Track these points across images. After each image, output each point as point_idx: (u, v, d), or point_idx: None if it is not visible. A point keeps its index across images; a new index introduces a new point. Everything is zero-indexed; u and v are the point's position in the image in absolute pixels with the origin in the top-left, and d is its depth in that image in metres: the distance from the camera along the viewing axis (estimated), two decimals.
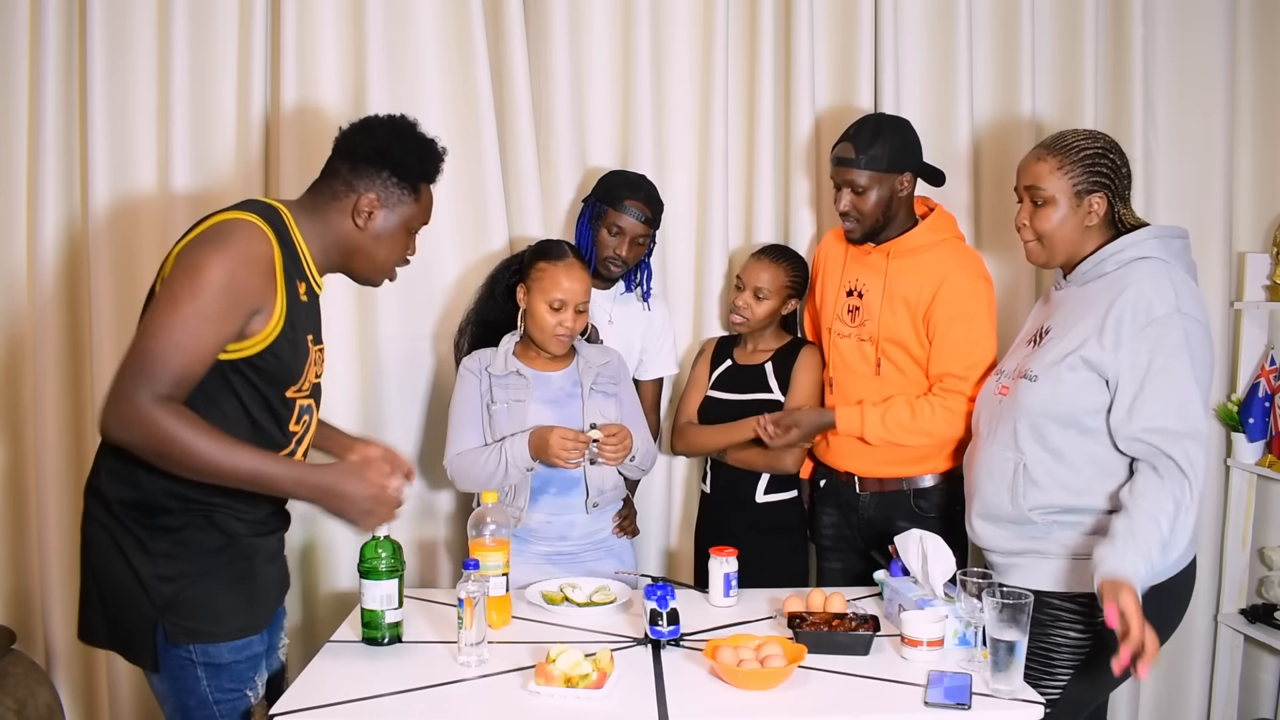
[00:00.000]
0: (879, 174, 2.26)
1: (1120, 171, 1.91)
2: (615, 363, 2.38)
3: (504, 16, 2.63)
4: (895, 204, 2.30)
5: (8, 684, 2.29)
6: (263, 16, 2.58)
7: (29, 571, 2.77)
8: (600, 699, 1.65)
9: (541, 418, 2.25)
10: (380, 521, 1.72)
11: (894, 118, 2.37)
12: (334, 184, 1.78)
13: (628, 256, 2.47)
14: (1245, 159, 2.82)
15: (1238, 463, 2.78)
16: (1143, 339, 1.77)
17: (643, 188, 2.49)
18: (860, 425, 2.30)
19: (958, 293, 2.24)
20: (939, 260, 2.28)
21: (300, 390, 1.76)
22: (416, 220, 1.85)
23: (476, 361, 2.31)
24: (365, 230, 1.78)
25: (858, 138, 2.27)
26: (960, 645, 1.84)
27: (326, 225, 1.78)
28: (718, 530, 2.47)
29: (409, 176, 1.79)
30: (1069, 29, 2.73)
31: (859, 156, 2.26)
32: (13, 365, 2.74)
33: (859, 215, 2.30)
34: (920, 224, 2.34)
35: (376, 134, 1.78)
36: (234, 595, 1.71)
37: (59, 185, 2.64)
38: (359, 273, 1.85)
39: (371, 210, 1.77)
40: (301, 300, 1.73)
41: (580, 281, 2.25)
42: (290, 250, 1.71)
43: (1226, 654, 2.82)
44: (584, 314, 2.27)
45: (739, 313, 2.48)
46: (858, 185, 2.27)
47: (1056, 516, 1.88)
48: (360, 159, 1.77)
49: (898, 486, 2.35)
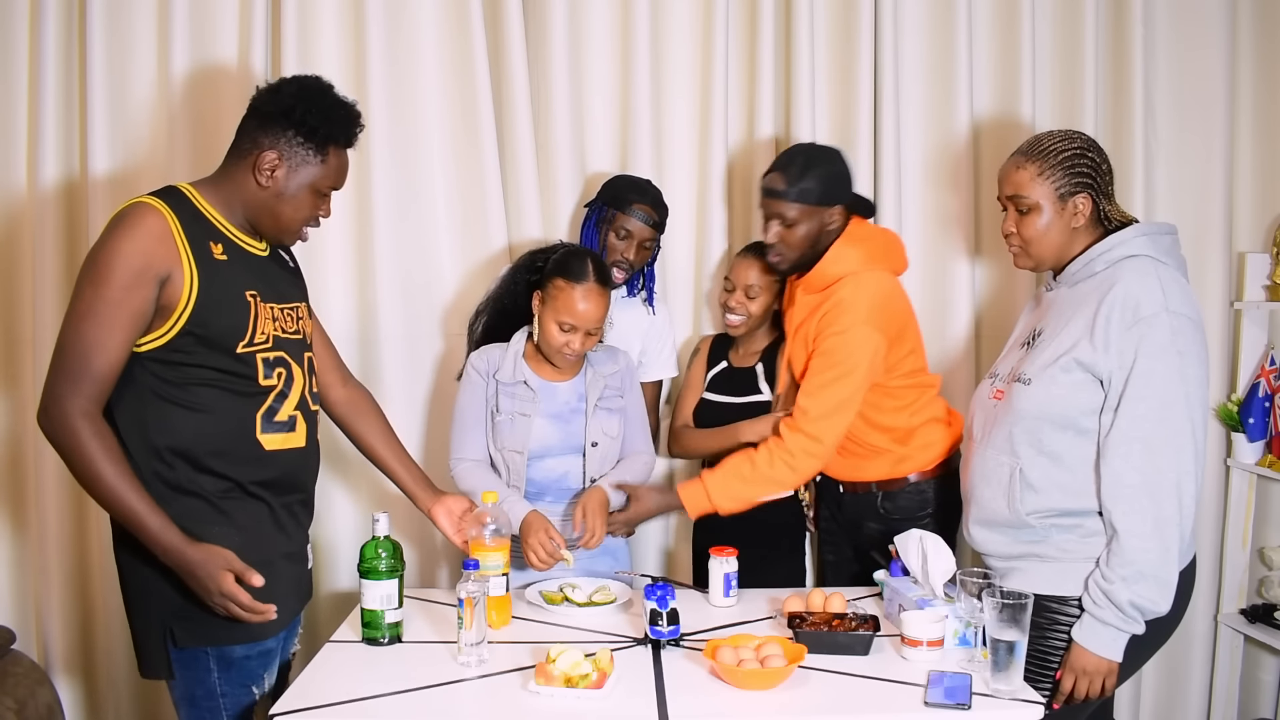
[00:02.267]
0: (809, 207, 2.21)
1: (1101, 169, 1.91)
2: (624, 369, 2.35)
3: (503, 17, 2.63)
4: (824, 237, 2.25)
5: (8, 684, 2.29)
6: (263, 18, 2.58)
7: (29, 571, 2.77)
8: (600, 699, 1.65)
9: (544, 430, 2.23)
10: (231, 614, 1.70)
11: (825, 149, 2.30)
12: (242, 142, 1.78)
13: (635, 260, 2.46)
14: (1245, 159, 2.82)
15: (1238, 463, 2.78)
16: (1129, 338, 1.77)
17: (649, 191, 2.48)
18: (707, 500, 2.22)
19: (830, 334, 2.19)
20: (832, 296, 2.23)
21: (253, 344, 1.76)
22: (324, 182, 1.82)
23: (485, 363, 2.28)
24: (267, 188, 1.77)
25: (788, 169, 2.21)
26: (960, 645, 1.84)
27: (232, 184, 1.78)
28: (715, 531, 2.47)
29: (313, 137, 1.77)
30: (1069, 29, 2.73)
31: (789, 189, 2.20)
32: (13, 365, 2.74)
33: (786, 247, 2.25)
34: (824, 257, 2.25)
35: (283, 93, 1.78)
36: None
37: (59, 184, 2.64)
38: (265, 231, 1.83)
39: (273, 168, 1.76)
40: (219, 259, 1.73)
41: (597, 307, 2.16)
42: (192, 215, 1.73)
43: (1226, 654, 2.82)
44: (594, 336, 2.21)
45: (734, 313, 2.46)
46: (786, 218, 2.22)
47: (1054, 520, 1.87)
48: (266, 117, 1.76)
49: (867, 489, 2.35)
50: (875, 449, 2.31)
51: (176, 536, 1.65)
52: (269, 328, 1.79)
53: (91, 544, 2.71)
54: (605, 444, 2.27)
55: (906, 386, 2.29)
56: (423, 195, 2.68)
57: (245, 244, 1.81)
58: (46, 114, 2.61)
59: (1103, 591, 1.79)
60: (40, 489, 2.67)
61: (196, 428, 1.71)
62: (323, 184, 1.82)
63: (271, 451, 1.79)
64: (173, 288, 1.67)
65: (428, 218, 2.68)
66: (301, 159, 1.77)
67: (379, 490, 2.67)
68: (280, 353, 1.80)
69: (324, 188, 1.83)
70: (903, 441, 2.31)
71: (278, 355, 1.80)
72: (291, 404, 1.82)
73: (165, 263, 1.66)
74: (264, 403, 1.78)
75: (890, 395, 2.26)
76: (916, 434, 2.31)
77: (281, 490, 1.82)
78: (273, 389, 1.79)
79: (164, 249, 1.66)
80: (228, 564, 1.67)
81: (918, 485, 2.32)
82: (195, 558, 1.65)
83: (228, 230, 1.78)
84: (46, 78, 2.60)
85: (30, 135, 2.67)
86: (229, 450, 1.74)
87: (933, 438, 2.33)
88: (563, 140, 2.69)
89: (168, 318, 1.67)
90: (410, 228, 2.67)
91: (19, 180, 2.70)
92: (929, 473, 2.33)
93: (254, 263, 1.82)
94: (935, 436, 2.34)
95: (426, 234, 2.69)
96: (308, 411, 1.87)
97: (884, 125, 2.69)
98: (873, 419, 2.27)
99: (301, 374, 1.85)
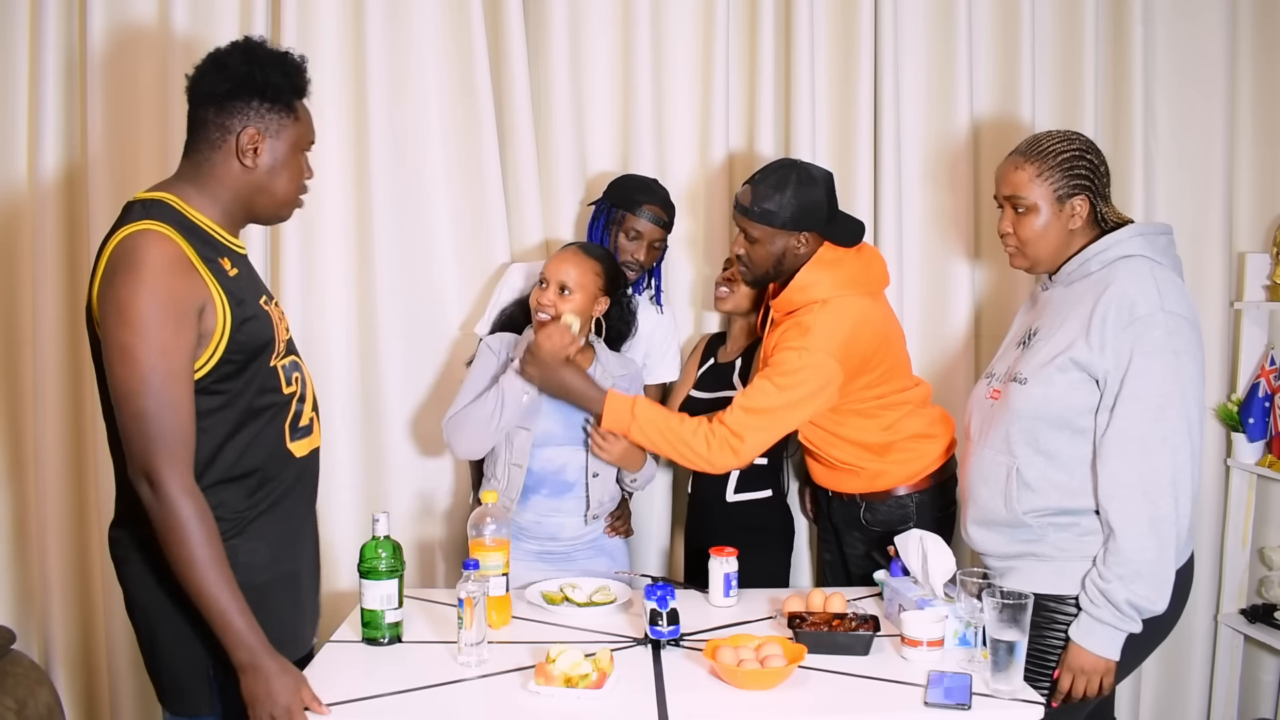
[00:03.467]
0: (772, 230, 2.17)
1: (1099, 170, 1.90)
2: (632, 375, 2.35)
3: (504, 17, 2.63)
4: (789, 259, 2.20)
5: (8, 684, 2.29)
6: (263, 18, 2.59)
7: (29, 571, 2.77)
8: (600, 699, 1.65)
9: (548, 416, 2.24)
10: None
11: (808, 172, 2.19)
12: (207, 134, 1.66)
13: (645, 261, 2.45)
14: (1245, 159, 2.82)
15: (1238, 463, 2.78)
16: (1124, 338, 1.77)
17: (658, 192, 2.47)
18: (630, 416, 2.16)
19: (784, 350, 2.15)
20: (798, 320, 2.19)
21: (278, 354, 1.72)
22: (304, 140, 1.74)
23: (499, 342, 2.29)
24: (256, 168, 1.67)
25: (758, 186, 2.17)
26: (960, 645, 1.84)
27: (216, 182, 1.67)
28: (700, 530, 2.47)
29: (281, 97, 1.68)
30: (1069, 29, 2.73)
31: (752, 207, 2.17)
32: (12, 364, 2.74)
33: (749, 262, 2.24)
34: (792, 284, 2.20)
35: (231, 64, 1.65)
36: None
37: (59, 180, 2.64)
38: (264, 214, 1.75)
39: (255, 145, 1.66)
40: (231, 275, 1.65)
41: (572, 264, 2.20)
42: (195, 233, 1.63)
43: (1226, 654, 2.82)
44: (569, 298, 2.20)
45: (724, 286, 2.44)
46: (749, 234, 2.21)
47: (1051, 519, 1.88)
48: (224, 96, 1.64)
49: (852, 498, 2.34)
50: (846, 464, 2.29)
51: (261, 641, 1.57)
52: (282, 332, 1.76)
53: (91, 544, 2.71)
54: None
55: (878, 406, 2.24)
56: (423, 195, 2.67)
57: (237, 248, 1.73)
58: (47, 106, 2.60)
59: (1099, 590, 1.79)
60: (40, 489, 2.67)
61: (237, 455, 1.66)
62: (303, 141, 1.74)
63: (300, 459, 1.77)
64: (208, 318, 1.59)
65: (428, 217, 2.68)
66: (278, 125, 1.68)
67: (379, 490, 2.67)
68: (292, 356, 1.78)
69: (305, 145, 1.75)
70: (880, 455, 2.27)
71: (291, 360, 1.77)
72: (309, 406, 1.80)
73: (198, 294, 1.57)
74: (289, 412, 1.74)
75: (860, 415, 2.23)
76: (894, 449, 2.27)
77: (303, 494, 1.81)
78: (294, 395, 1.75)
79: (190, 280, 1.57)
80: (300, 686, 1.60)
81: (901, 499, 2.29)
82: (273, 668, 1.57)
83: (223, 238, 1.69)
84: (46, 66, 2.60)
85: (30, 124, 2.67)
86: (265, 467, 1.70)
87: (916, 452, 2.29)
88: (564, 139, 2.69)
89: (205, 348, 1.59)
90: (410, 227, 2.66)
91: (19, 165, 2.70)
92: (916, 485, 2.29)
93: (248, 266, 1.76)
94: (919, 451, 2.29)
95: (426, 234, 2.68)
96: (317, 408, 1.86)
97: (884, 125, 2.69)
98: (840, 434, 2.26)
99: (308, 372, 1.84)
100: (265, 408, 1.69)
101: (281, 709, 1.57)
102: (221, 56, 1.67)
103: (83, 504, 2.71)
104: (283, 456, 1.73)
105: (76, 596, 2.72)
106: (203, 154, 1.67)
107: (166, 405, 1.53)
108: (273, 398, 1.70)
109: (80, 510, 2.71)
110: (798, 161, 2.25)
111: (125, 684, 2.68)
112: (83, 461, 2.71)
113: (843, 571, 2.45)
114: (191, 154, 1.69)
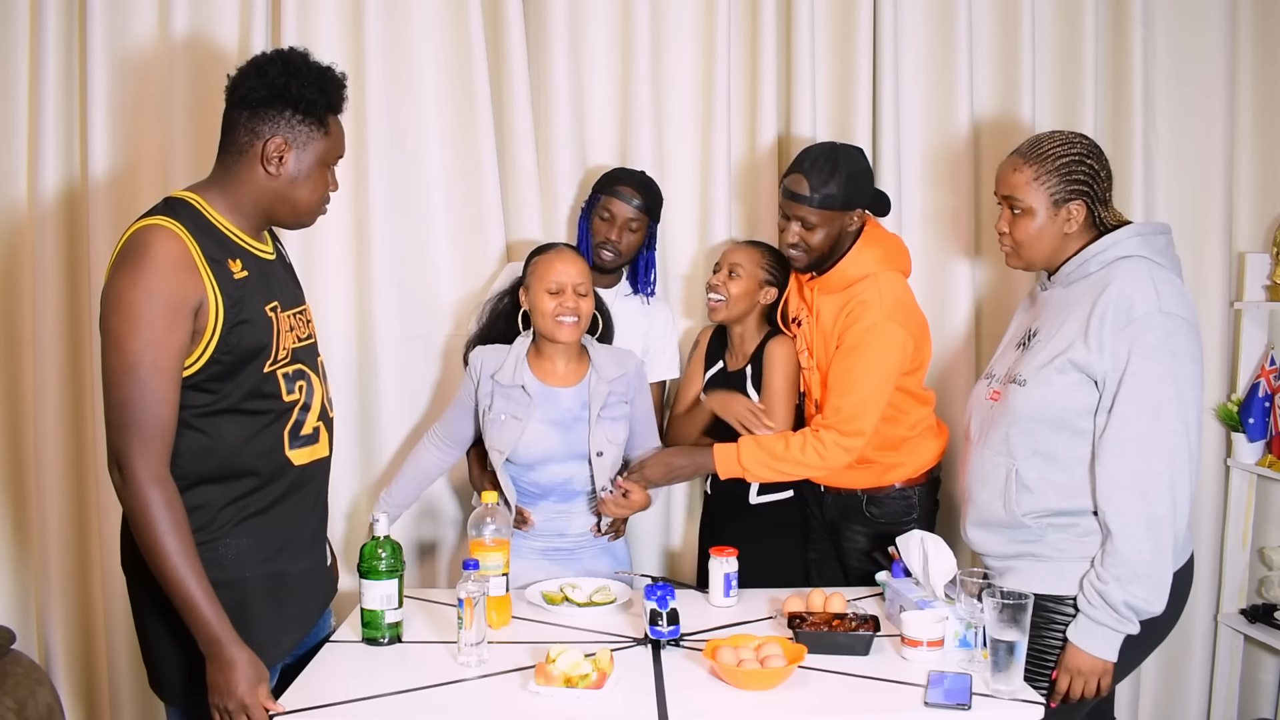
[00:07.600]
0: (832, 213, 2.21)
1: (1099, 175, 1.90)
2: (632, 373, 2.31)
3: (503, 16, 2.63)
4: (843, 239, 2.27)
5: (8, 684, 2.29)
6: (263, 19, 2.58)
7: (29, 571, 2.77)
8: (600, 699, 1.65)
9: (544, 438, 2.23)
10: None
11: (848, 149, 2.28)
12: (236, 137, 1.69)
13: (621, 244, 2.45)
14: (1245, 159, 2.81)
15: (1238, 463, 2.78)
16: (1122, 339, 1.77)
17: (635, 176, 2.49)
18: (737, 459, 2.25)
19: (855, 330, 2.21)
20: (854, 296, 2.25)
21: (278, 361, 1.72)
22: (331, 154, 1.76)
23: (480, 364, 2.27)
24: (279, 176, 1.70)
25: (812, 173, 2.20)
26: (961, 646, 1.84)
27: (239, 185, 1.70)
28: (717, 531, 2.47)
29: (313, 111, 1.70)
30: (1069, 29, 2.73)
31: (812, 195, 2.20)
32: (13, 363, 2.74)
33: (806, 248, 2.26)
34: (844, 259, 2.27)
35: (269, 74, 1.67)
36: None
37: (59, 180, 2.64)
38: (284, 221, 1.77)
39: (281, 154, 1.68)
40: (239, 278, 1.66)
41: (574, 264, 2.22)
42: (210, 234, 1.66)
43: (1226, 654, 2.82)
44: (586, 297, 2.22)
45: (715, 292, 2.43)
46: (808, 222, 2.22)
47: (1049, 520, 1.88)
48: (258, 104, 1.67)
49: (852, 493, 2.37)
50: (864, 458, 2.30)
51: (227, 631, 1.60)
52: (288, 340, 1.75)
53: (91, 544, 2.71)
54: (611, 451, 2.26)
55: (906, 398, 2.30)
56: (421, 192, 2.67)
57: (258, 251, 1.75)
58: (46, 108, 2.60)
59: (1097, 591, 1.79)
60: (40, 489, 2.67)
61: (226, 456, 1.67)
62: (330, 157, 1.76)
63: (300, 466, 1.76)
64: (201, 316, 1.60)
65: (426, 215, 2.68)
66: (306, 137, 1.70)
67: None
68: (299, 365, 1.77)
69: (332, 160, 1.78)
70: (894, 450, 2.33)
71: (297, 368, 1.76)
72: (314, 415, 1.80)
73: (195, 293, 1.59)
74: (290, 419, 1.74)
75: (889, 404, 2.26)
76: (907, 444, 2.34)
77: (301, 502, 1.80)
78: (296, 404, 1.75)
79: (190, 278, 1.59)
80: (261, 679, 1.62)
81: (903, 491, 2.35)
82: (239, 658, 1.59)
83: (241, 240, 1.71)
84: (46, 68, 2.59)
85: (30, 130, 2.67)
86: (258, 470, 1.70)
87: (922, 447, 2.36)
88: (563, 137, 2.68)
89: (196, 346, 1.61)
90: (408, 225, 2.66)
91: (19, 180, 2.70)
92: (915, 480, 2.36)
93: (268, 270, 1.76)
94: (924, 446, 2.37)
95: (424, 232, 2.68)
96: (327, 419, 1.85)
97: (884, 124, 2.69)
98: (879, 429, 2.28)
99: (319, 382, 1.83)
100: (260, 412, 1.70)
101: (236, 702, 1.60)
102: (263, 64, 1.70)
103: (83, 504, 2.70)
104: (279, 462, 1.73)
105: (76, 596, 2.72)
106: (231, 156, 1.71)
107: (148, 396, 1.56)
108: (269, 403, 1.71)
109: (80, 510, 2.71)
110: (834, 143, 2.32)
111: (125, 684, 2.68)
112: (83, 462, 2.71)
113: (836, 567, 2.45)
114: (222, 155, 1.73)
